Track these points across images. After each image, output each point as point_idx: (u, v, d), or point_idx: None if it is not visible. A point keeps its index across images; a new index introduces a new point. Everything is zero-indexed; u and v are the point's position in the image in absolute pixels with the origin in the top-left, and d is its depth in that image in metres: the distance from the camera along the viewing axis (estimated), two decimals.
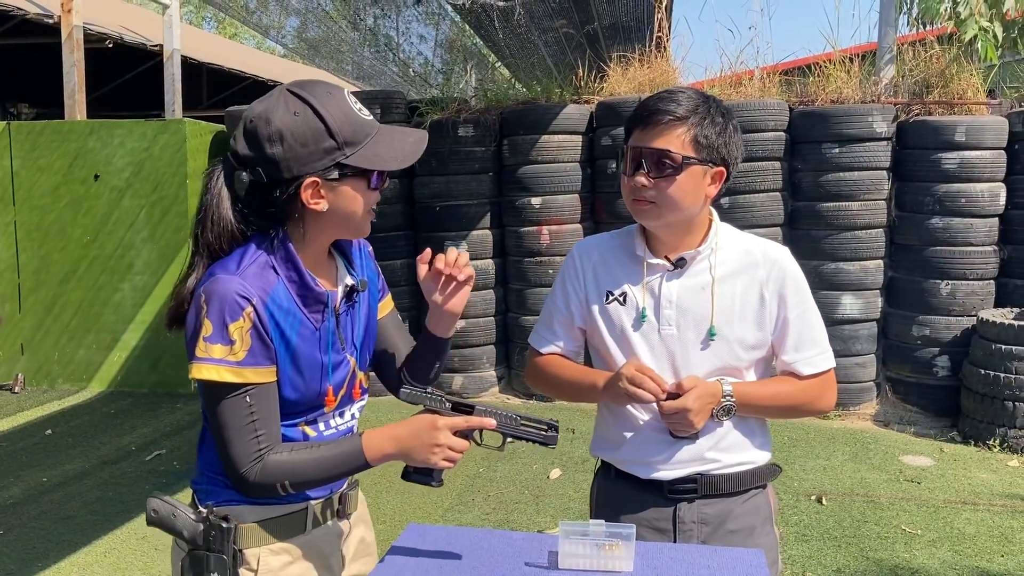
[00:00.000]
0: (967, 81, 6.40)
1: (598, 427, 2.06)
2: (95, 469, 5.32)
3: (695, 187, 1.81)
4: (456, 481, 5.03)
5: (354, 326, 1.71)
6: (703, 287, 1.87)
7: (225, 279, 1.51)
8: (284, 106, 1.51)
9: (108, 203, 7.25)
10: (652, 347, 1.89)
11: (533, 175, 6.63)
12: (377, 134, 1.57)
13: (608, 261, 1.95)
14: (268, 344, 1.54)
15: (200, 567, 1.57)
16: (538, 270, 6.66)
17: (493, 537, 1.77)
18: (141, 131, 7.18)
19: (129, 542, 4.26)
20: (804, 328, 1.91)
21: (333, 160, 1.52)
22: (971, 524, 4.37)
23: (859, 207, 6.21)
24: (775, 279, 1.89)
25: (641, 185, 1.79)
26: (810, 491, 4.80)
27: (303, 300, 1.58)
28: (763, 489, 1.97)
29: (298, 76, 14.36)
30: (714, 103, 1.83)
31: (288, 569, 1.66)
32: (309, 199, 1.54)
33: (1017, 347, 5.44)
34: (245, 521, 1.62)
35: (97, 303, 7.31)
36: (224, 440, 1.54)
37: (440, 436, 1.55)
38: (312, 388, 1.61)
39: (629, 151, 1.82)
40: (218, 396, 1.53)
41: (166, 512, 1.59)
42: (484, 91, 7.60)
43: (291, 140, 1.50)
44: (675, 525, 1.89)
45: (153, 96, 10.18)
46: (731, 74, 7.16)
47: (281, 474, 1.54)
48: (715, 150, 1.80)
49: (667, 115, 1.78)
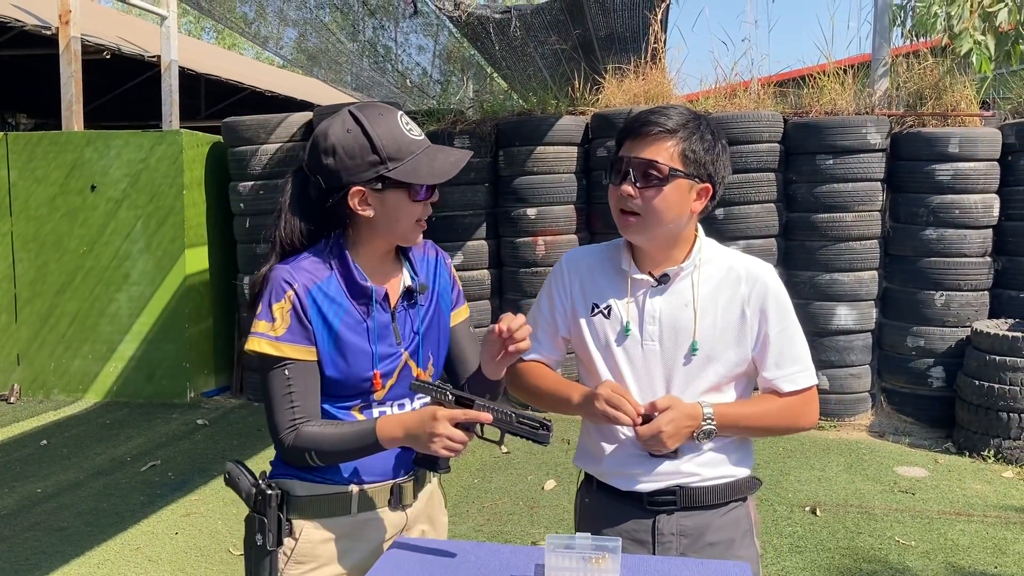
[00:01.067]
0: (961, 93, 6.44)
1: (582, 439, 2.07)
2: (89, 480, 5.31)
3: (680, 200, 1.82)
4: (450, 492, 5.03)
5: (413, 324, 1.86)
6: (686, 303, 1.89)
7: (279, 267, 1.77)
8: (340, 124, 1.74)
9: (105, 214, 7.26)
10: (634, 362, 1.90)
11: (529, 186, 6.65)
12: (422, 152, 1.75)
13: (595, 273, 1.97)
14: (307, 326, 1.74)
15: (252, 526, 1.80)
16: (533, 280, 6.67)
17: (480, 550, 1.78)
18: (138, 142, 7.20)
19: (123, 553, 4.26)
20: (785, 345, 1.91)
21: (377, 173, 1.72)
22: (965, 535, 4.37)
23: (853, 218, 6.24)
24: (757, 296, 1.90)
25: (627, 194, 1.82)
26: (804, 502, 4.80)
27: (351, 292, 1.78)
28: (743, 502, 1.97)
29: (297, 87, 14.43)
30: (704, 121, 1.85)
31: (327, 545, 1.81)
32: (357, 205, 1.74)
33: (1011, 358, 5.46)
34: (295, 493, 1.80)
35: (93, 314, 7.32)
36: (269, 408, 1.76)
37: (439, 427, 1.64)
38: (355, 372, 1.77)
39: (618, 161, 1.86)
40: (263, 368, 1.75)
41: (235, 474, 1.84)
42: (480, 102, 7.63)
43: (342, 153, 1.72)
44: (654, 537, 1.90)
45: (151, 107, 10.20)
46: (726, 85, 7.19)
47: (309, 444, 1.72)
48: (702, 166, 1.82)
49: (657, 127, 1.81)
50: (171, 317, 7.19)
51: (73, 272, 7.33)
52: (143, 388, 7.25)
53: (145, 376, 7.25)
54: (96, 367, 7.32)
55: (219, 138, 7.44)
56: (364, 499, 1.83)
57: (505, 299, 6.93)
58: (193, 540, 4.35)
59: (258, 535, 1.77)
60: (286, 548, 1.79)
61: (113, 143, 7.24)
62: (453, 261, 7.30)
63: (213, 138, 7.50)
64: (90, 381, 7.33)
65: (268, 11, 9.87)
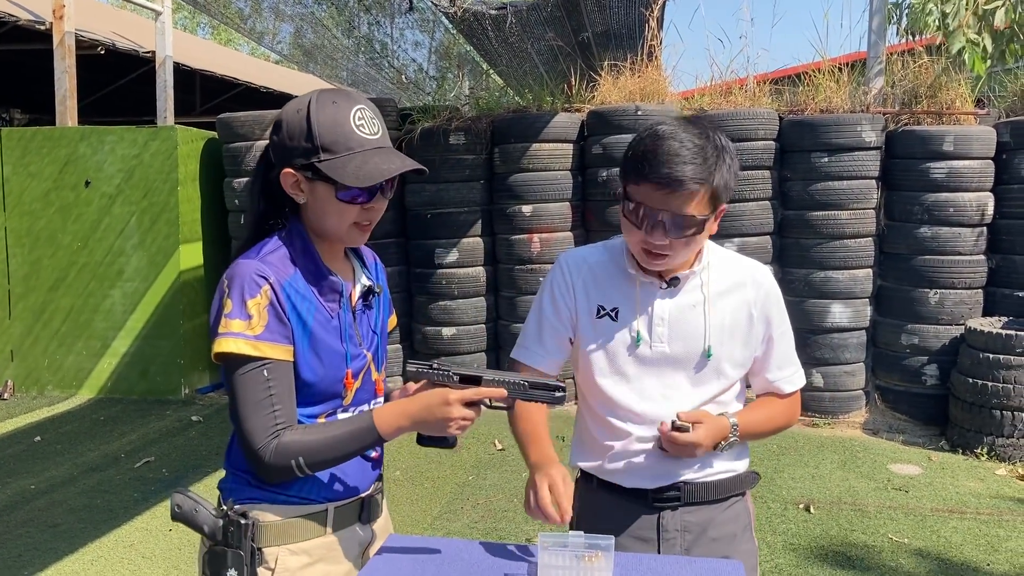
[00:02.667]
0: (955, 91, 6.45)
1: (580, 437, 2.07)
2: (83, 476, 5.30)
3: (706, 234, 1.83)
4: (445, 489, 5.03)
5: (371, 326, 1.79)
6: (694, 305, 1.89)
7: (245, 262, 1.64)
8: (298, 103, 1.66)
9: (99, 209, 7.24)
10: (644, 365, 1.90)
11: (524, 183, 6.64)
12: (361, 151, 1.62)
13: (598, 276, 1.95)
14: (285, 322, 1.62)
15: (218, 562, 1.64)
16: (529, 278, 6.67)
17: (473, 548, 1.77)
18: (132, 137, 7.18)
19: (116, 550, 4.25)
20: (786, 347, 1.98)
21: (308, 160, 1.62)
22: (958, 533, 4.38)
23: (848, 216, 6.24)
24: (762, 300, 1.93)
25: (659, 244, 1.78)
26: (798, 499, 4.81)
27: (319, 289, 1.67)
28: (742, 497, 1.99)
29: (292, 83, 14.40)
30: (720, 142, 1.78)
31: (306, 571, 1.69)
32: (289, 188, 1.66)
33: (1005, 356, 5.47)
34: (265, 520, 1.67)
35: (87, 310, 7.30)
36: (241, 416, 1.59)
37: (453, 411, 1.59)
38: (331, 373, 1.67)
39: (643, 209, 1.76)
40: (237, 370, 1.60)
41: (188, 507, 1.66)
42: (476, 99, 7.62)
43: (284, 131, 1.65)
44: (659, 533, 1.90)
45: (145, 102, 10.18)
46: (722, 83, 7.19)
47: (296, 452, 1.58)
48: (727, 191, 1.81)
49: (692, 183, 1.72)
50: (165, 313, 7.18)
51: (67, 268, 7.31)
52: (137, 384, 7.23)
53: (139, 372, 7.23)
54: (90, 363, 7.31)
55: (214, 134, 7.42)
56: (338, 517, 1.74)
57: (500, 296, 6.92)
58: (187, 537, 4.34)
59: (231, 571, 1.63)
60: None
61: (107, 139, 7.21)
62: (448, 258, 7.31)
63: (208, 134, 7.49)
64: (84, 377, 7.32)
65: (263, 6, 9.85)
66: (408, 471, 5.27)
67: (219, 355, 1.60)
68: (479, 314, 6.89)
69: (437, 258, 6.79)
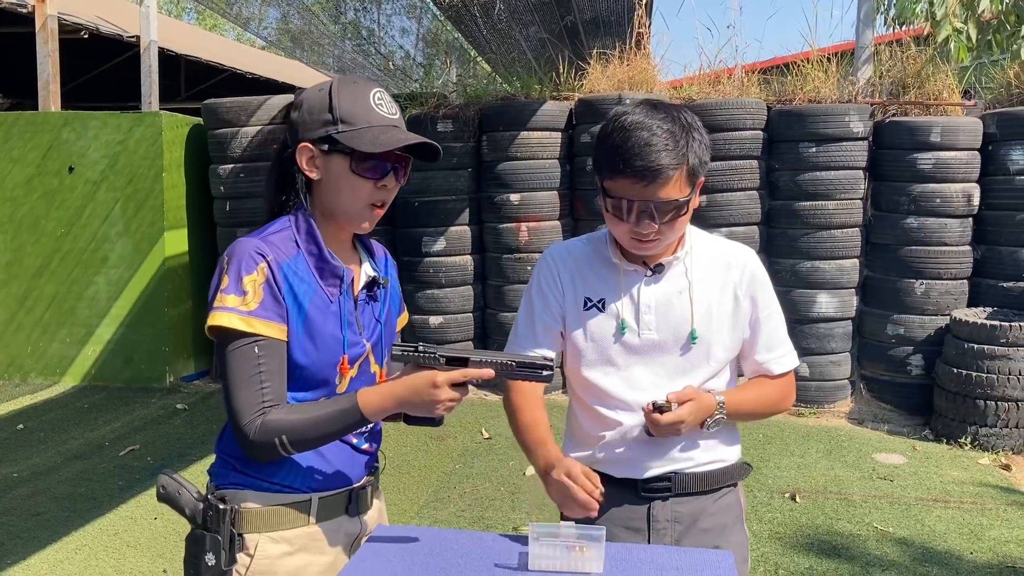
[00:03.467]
0: (943, 82, 6.46)
1: (570, 428, 2.06)
2: (66, 464, 5.27)
3: (690, 211, 1.85)
4: (432, 478, 5.03)
5: (375, 316, 1.78)
6: (680, 291, 1.90)
7: (245, 240, 1.65)
8: (319, 85, 1.71)
9: (82, 196, 7.17)
10: (634, 354, 1.90)
11: (512, 171, 6.62)
12: (379, 126, 1.66)
13: (583, 268, 1.96)
14: (280, 302, 1.62)
15: (198, 545, 1.66)
16: (516, 267, 6.66)
17: (462, 537, 1.77)
18: (116, 123, 7.11)
19: (101, 538, 4.22)
20: (774, 328, 1.97)
21: (327, 132, 1.65)
22: (942, 521, 4.41)
23: (835, 206, 6.25)
24: (747, 281, 1.93)
25: (648, 232, 1.79)
26: (784, 489, 4.83)
27: (320, 273, 1.68)
28: (734, 487, 1.99)
29: (278, 69, 14.30)
30: (686, 120, 1.80)
31: (285, 560, 1.68)
32: (304, 163, 1.68)
33: (989, 346, 5.50)
34: (247, 506, 1.67)
35: (71, 297, 7.24)
36: (230, 392, 1.60)
37: (441, 393, 1.59)
38: (324, 357, 1.67)
39: (624, 203, 1.78)
40: (229, 345, 1.60)
41: (172, 489, 1.70)
42: (464, 86, 7.58)
43: (304, 108, 1.69)
44: (649, 524, 1.90)
45: (129, 88, 10.07)
46: (710, 72, 7.18)
47: (279, 430, 1.58)
48: (704, 165, 1.83)
49: (668, 170, 1.75)
50: (150, 300, 7.13)
51: (50, 255, 7.25)
52: (121, 372, 7.18)
53: (123, 360, 7.18)
54: (74, 351, 7.25)
55: (199, 120, 7.36)
56: (323, 507, 1.72)
57: (488, 285, 6.91)
58: (172, 525, 4.32)
59: (209, 555, 1.63)
60: (239, 566, 1.66)
61: (91, 124, 7.14)
62: (435, 247, 7.28)
63: (193, 120, 7.42)
64: (67, 365, 7.26)
65: None
66: (395, 460, 5.26)
67: (212, 328, 1.61)
68: (466, 303, 6.88)
69: (424, 246, 6.77)
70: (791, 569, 3.87)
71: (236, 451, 1.68)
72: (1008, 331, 5.47)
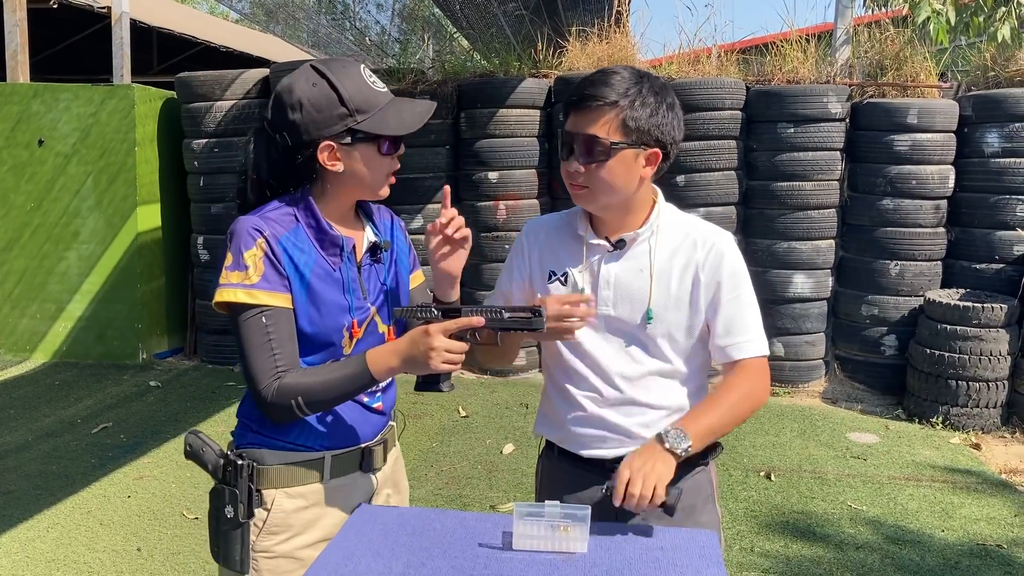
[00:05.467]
0: (920, 64, 6.48)
1: (542, 406, 2.06)
2: (38, 441, 5.20)
3: (627, 171, 1.81)
4: (408, 455, 5.02)
5: (380, 279, 1.85)
6: (641, 269, 1.88)
7: (244, 218, 1.72)
8: (305, 79, 1.71)
9: (53, 169, 7.04)
10: (590, 328, 1.89)
11: (490, 149, 6.58)
12: (388, 104, 1.74)
13: (552, 241, 1.97)
14: (281, 273, 1.70)
15: (219, 499, 1.75)
16: (494, 245, 6.63)
17: (446, 517, 1.75)
18: (88, 96, 6.98)
19: (73, 516, 4.18)
20: (737, 313, 1.88)
21: (345, 126, 1.70)
22: (914, 500, 4.47)
23: (813, 187, 6.28)
24: (712, 263, 1.87)
25: (574, 171, 1.81)
26: (759, 467, 4.87)
27: (320, 243, 1.74)
28: (705, 467, 1.96)
29: (251, 43, 14.10)
30: (648, 83, 1.80)
31: (301, 514, 1.78)
32: (326, 160, 1.72)
33: (962, 327, 5.56)
34: (264, 463, 1.76)
35: (41, 272, 7.13)
36: (247, 360, 1.69)
37: (434, 341, 1.63)
38: (329, 323, 1.74)
39: (564, 136, 1.84)
40: (239, 318, 1.69)
41: (197, 447, 1.79)
42: (441, 62, 7.51)
43: (309, 107, 1.69)
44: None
45: (100, 61, 9.89)
46: (689, 51, 7.16)
47: (294, 392, 1.66)
48: (646, 133, 1.79)
49: (596, 100, 1.77)
50: (122, 276, 7.03)
51: (20, 229, 7.12)
52: (93, 348, 7.09)
53: (95, 336, 7.09)
54: (44, 326, 7.15)
55: (172, 94, 7.24)
56: (336, 464, 1.80)
57: (466, 263, 6.87)
58: (146, 503, 4.28)
59: (228, 507, 1.73)
60: (257, 519, 1.75)
61: (62, 96, 7.01)
62: (412, 224, 7.21)
63: (166, 94, 7.30)
64: (38, 341, 7.16)
65: None
66: None
67: (219, 304, 1.70)
68: None
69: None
70: (766, 547, 3.91)
71: (253, 414, 1.78)
72: (980, 312, 5.54)
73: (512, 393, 6.18)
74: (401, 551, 1.60)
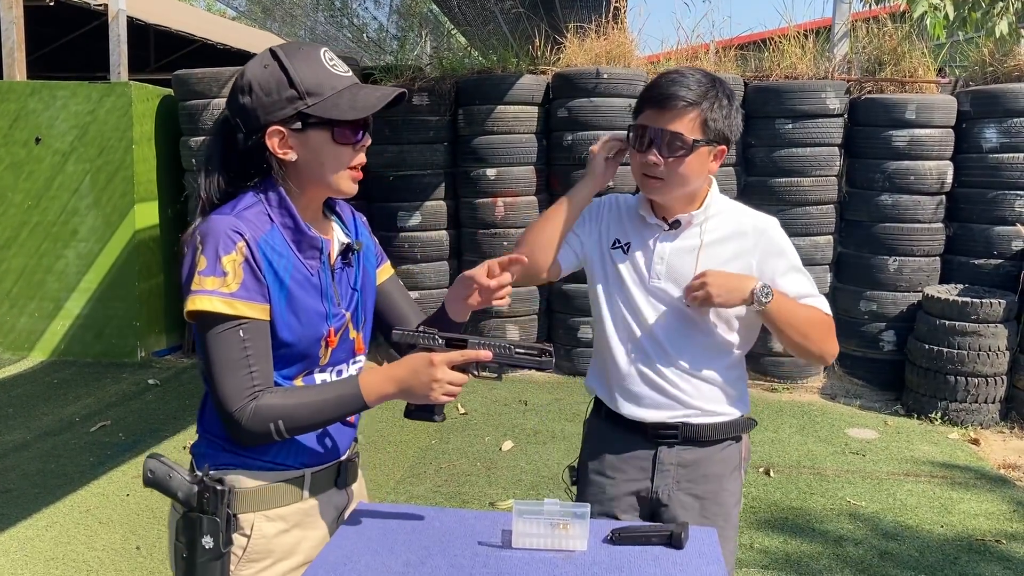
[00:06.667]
0: (918, 60, 6.48)
1: (593, 363, 2.23)
2: (36, 440, 5.20)
3: (701, 165, 1.98)
4: (408, 453, 5.02)
5: (351, 283, 1.73)
6: (691, 249, 2.04)
7: (219, 218, 1.56)
8: (259, 61, 1.59)
9: (51, 167, 7.03)
10: (644, 297, 2.05)
11: (488, 146, 6.57)
12: (346, 88, 1.59)
13: (623, 215, 2.15)
14: (261, 280, 1.56)
15: (193, 529, 1.56)
16: (492, 242, 6.61)
17: (445, 515, 1.75)
18: (85, 93, 6.96)
19: (72, 515, 4.18)
20: (792, 285, 2.03)
21: (295, 109, 1.56)
22: (913, 495, 4.47)
23: (811, 183, 6.28)
24: (762, 248, 2.05)
25: (653, 163, 1.95)
26: (758, 463, 4.87)
27: (298, 246, 1.61)
28: (737, 442, 2.14)
29: (249, 40, 14.09)
30: (720, 86, 1.97)
31: (282, 537, 1.67)
32: (276, 147, 1.58)
33: (960, 323, 5.56)
34: (241, 486, 1.63)
35: (39, 270, 7.12)
36: (217, 378, 1.53)
37: (437, 372, 1.56)
38: (309, 332, 1.62)
39: (641, 129, 1.97)
40: (211, 330, 1.53)
41: (162, 473, 1.57)
42: (439, 59, 7.50)
43: (258, 90, 1.56)
44: (654, 465, 2.07)
45: (97, 58, 9.87)
46: (687, 47, 7.15)
47: (274, 415, 1.54)
48: (720, 132, 1.97)
49: (681, 100, 1.92)
50: (120, 274, 7.02)
51: (18, 227, 7.11)
52: (91, 347, 7.09)
53: (94, 334, 7.09)
54: (42, 325, 7.14)
55: (170, 91, 7.22)
56: (315, 482, 1.71)
57: (463, 261, 6.87)
58: (145, 502, 4.28)
59: (206, 538, 1.55)
60: (236, 547, 1.62)
61: (59, 94, 6.99)
62: (411, 221, 7.20)
63: (163, 91, 7.29)
64: (36, 339, 7.15)
65: None
66: (371, 435, 5.24)
67: (192, 313, 1.54)
68: (442, 279, 6.83)
69: (399, 221, 6.71)
70: (765, 543, 3.91)
71: (221, 430, 1.62)
72: (979, 308, 5.54)
73: (511, 390, 6.17)
74: (400, 549, 1.60)
